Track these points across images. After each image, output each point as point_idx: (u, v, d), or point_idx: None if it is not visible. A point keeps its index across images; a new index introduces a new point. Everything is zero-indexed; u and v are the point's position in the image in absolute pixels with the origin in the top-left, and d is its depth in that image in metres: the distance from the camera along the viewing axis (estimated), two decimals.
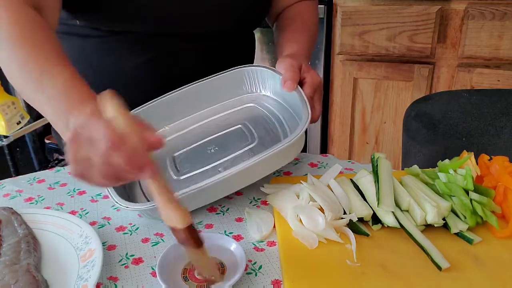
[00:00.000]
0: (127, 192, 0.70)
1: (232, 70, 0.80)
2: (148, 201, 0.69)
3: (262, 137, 0.74)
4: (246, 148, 0.72)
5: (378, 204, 0.60)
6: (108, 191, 0.63)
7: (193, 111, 0.82)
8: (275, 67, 0.75)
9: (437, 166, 0.68)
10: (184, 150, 0.76)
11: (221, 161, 0.71)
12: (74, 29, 0.79)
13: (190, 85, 0.79)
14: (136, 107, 0.78)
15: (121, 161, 0.45)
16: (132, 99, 0.70)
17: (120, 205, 0.61)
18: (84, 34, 0.78)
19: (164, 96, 0.79)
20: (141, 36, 0.78)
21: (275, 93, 0.80)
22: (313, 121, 0.69)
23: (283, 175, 0.77)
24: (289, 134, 0.73)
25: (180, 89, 0.79)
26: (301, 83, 0.70)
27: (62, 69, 0.57)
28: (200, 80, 0.80)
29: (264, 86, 0.81)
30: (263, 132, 0.75)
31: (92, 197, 0.72)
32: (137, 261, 0.58)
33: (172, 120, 0.81)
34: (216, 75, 0.80)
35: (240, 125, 0.77)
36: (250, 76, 0.81)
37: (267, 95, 0.81)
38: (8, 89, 2.01)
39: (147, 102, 0.79)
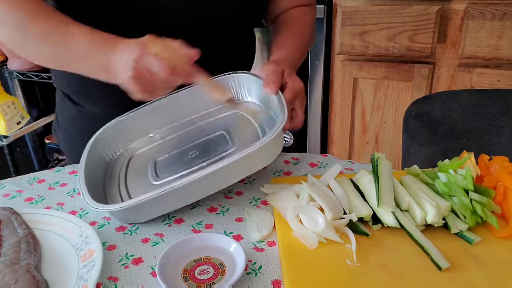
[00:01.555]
0: (106, 195, 0.71)
1: (217, 77, 0.80)
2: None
3: (242, 143, 0.73)
4: (224, 153, 0.72)
5: (378, 204, 0.60)
6: (83, 193, 0.64)
7: (179, 119, 0.82)
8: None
9: (437, 166, 0.68)
10: (166, 156, 0.76)
11: (199, 166, 0.70)
12: None
13: (175, 92, 0.79)
14: (131, 107, 0.78)
15: (180, 80, 0.63)
16: (128, 98, 0.70)
17: (91, 206, 0.61)
18: None
19: (149, 103, 0.79)
20: (137, 33, 0.77)
21: (260, 99, 0.80)
22: (296, 127, 0.69)
23: (283, 175, 0.77)
24: None
25: (165, 96, 0.79)
26: (282, 88, 0.70)
27: (80, 27, 0.66)
28: (185, 87, 0.79)
29: (249, 93, 0.81)
30: (243, 138, 0.75)
31: None
32: (137, 261, 0.58)
33: (158, 127, 0.82)
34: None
35: (222, 131, 0.78)
36: (235, 83, 0.81)
37: (252, 101, 0.82)
38: (8, 89, 2.01)
39: (143, 101, 0.78)
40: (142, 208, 0.63)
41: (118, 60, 0.62)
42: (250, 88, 0.80)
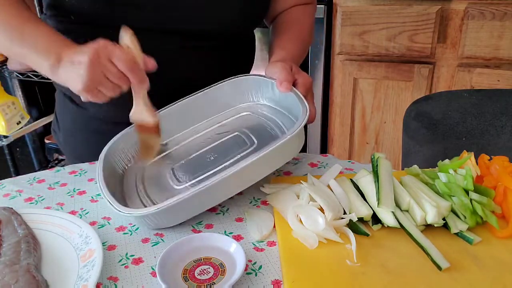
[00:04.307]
0: (125, 199, 0.70)
1: (225, 81, 0.80)
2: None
3: (262, 140, 0.73)
4: (245, 152, 0.71)
5: (378, 204, 0.60)
6: (107, 198, 0.62)
7: (188, 125, 0.81)
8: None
9: (437, 166, 0.68)
10: (183, 161, 0.75)
11: (221, 166, 0.70)
12: (69, 27, 0.79)
13: (183, 99, 0.79)
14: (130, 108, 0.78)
15: (134, 79, 0.63)
16: (131, 100, 0.70)
17: (119, 211, 0.60)
18: (79, 31, 0.78)
19: (156, 112, 0.78)
20: (138, 34, 0.77)
21: (269, 99, 0.80)
22: (310, 121, 0.69)
23: (283, 175, 0.77)
24: None
25: (173, 104, 0.79)
26: (293, 84, 0.71)
27: (42, 24, 0.68)
28: (194, 93, 0.79)
29: (258, 94, 0.81)
30: (262, 136, 0.74)
31: (92, 197, 0.72)
32: (137, 261, 0.58)
33: (168, 136, 0.80)
34: (209, 87, 0.80)
35: (238, 132, 0.77)
36: (243, 86, 0.81)
37: (262, 103, 0.81)
38: (8, 89, 2.01)
39: None
40: (175, 210, 0.61)
41: (76, 51, 0.63)
42: (258, 90, 0.81)
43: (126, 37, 0.64)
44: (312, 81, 0.74)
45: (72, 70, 0.62)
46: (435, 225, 0.59)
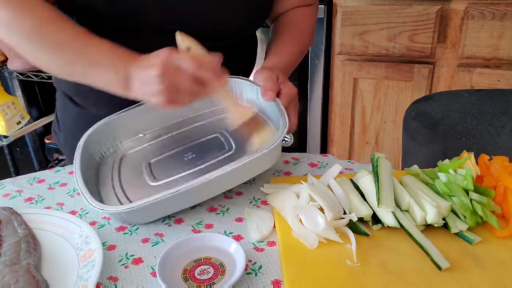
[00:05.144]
0: (101, 195, 0.71)
1: None
2: (121, 204, 0.68)
3: (240, 145, 0.74)
4: (223, 156, 0.73)
5: (378, 204, 0.60)
6: (83, 193, 0.63)
7: (170, 121, 0.82)
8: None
9: (437, 166, 0.68)
10: (161, 157, 0.76)
11: (197, 168, 0.71)
12: None
13: None
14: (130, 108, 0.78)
15: (208, 75, 0.60)
16: (131, 100, 0.70)
17: (95, 207, 0.61)
18: None
19: (139, 105, 0.78)
20: (141, 34, 0.77)
21: (252, 103, 0.81)
22: (290, 131, 0.70)
23: (283, 175, 0.77)
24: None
25: None
26: (277, 94, 0.72)
27: (102, 40, 0.65)
28: None
29: (241, 97, 0.82)
30: (240, 141, 0.75)
31: None
32: (137, 261, 0.58)
33: (148, 127, 0.81)
34: None
35: (217, 134, 0.78)
36: (228, 87, 0.82)
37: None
38: (8, 89, 2.01)
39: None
40: (148, 210, 0.62)
41: (141, 66, 0.61)
42: (243, 93, 0.81)
43: (184, 40, 0.64)
44: (297, 91, 0.75)
45: (146, 87, 0.61)
46: (435, 225, 0.59)
